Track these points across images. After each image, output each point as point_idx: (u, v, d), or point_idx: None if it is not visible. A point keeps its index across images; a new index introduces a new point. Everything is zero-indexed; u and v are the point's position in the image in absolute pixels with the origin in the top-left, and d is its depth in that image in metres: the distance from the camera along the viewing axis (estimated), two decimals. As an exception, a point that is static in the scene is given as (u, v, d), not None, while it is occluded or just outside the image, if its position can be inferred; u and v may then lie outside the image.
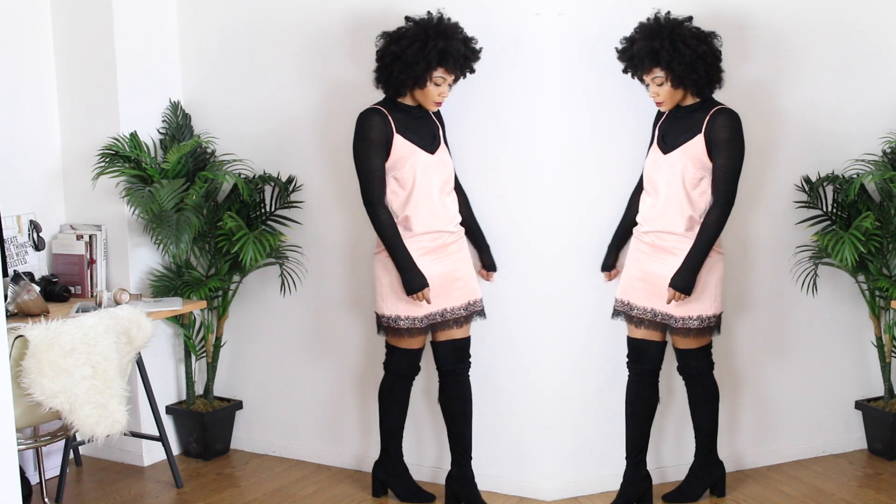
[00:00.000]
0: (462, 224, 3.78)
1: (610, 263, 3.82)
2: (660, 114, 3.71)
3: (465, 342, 3.77)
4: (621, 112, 3.83)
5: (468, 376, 3.79)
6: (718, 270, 3.64)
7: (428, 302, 3.62)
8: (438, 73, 3.58)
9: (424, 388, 4.06)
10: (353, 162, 4.13)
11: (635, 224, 3.71)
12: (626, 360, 3.76)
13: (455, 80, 3.67)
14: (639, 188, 3.75)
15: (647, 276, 3.64)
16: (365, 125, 3.60)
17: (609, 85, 3.82)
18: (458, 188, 3.81)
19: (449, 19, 3.63)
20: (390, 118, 3.60)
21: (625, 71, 3.64)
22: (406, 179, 3.61)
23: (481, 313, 3.77)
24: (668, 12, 3.56)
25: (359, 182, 3.63)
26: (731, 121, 3.52)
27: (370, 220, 3.63)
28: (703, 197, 3.56)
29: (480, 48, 3.68)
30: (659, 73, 3.51)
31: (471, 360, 3.80)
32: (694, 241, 3.53)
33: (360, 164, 3.61)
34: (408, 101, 3.67)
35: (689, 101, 3.59)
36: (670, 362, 3.87)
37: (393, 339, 3.76)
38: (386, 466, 3.91)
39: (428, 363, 4.02)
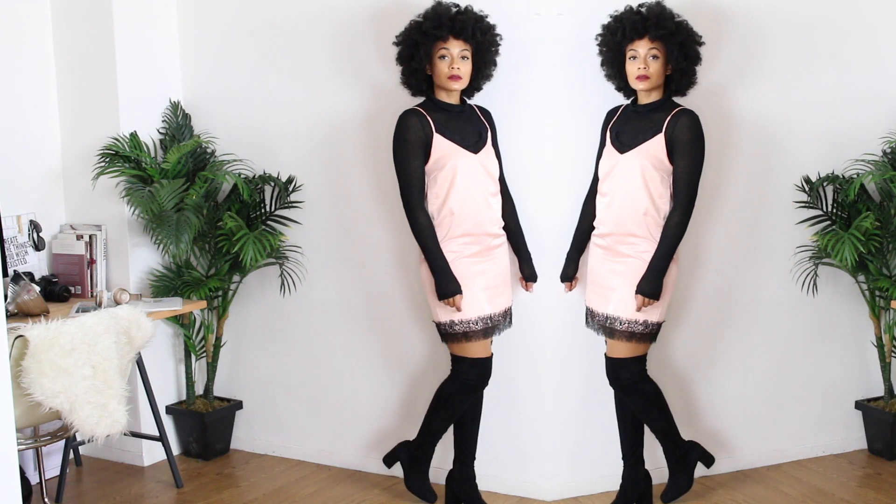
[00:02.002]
0: (505, 229, 3.70)
1: (570, 274, 3.73)
2: (610, 115, 3.68)
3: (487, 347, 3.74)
4: (621, 112, 3.84)
5: None
6: (671, 278, 3.57)
7: (458, 309, 3.54)
8: (438, 47, 3.52)
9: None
10: (354, 161, 4.14)
11: (593, 229, 3.67)
12: None
13: (476, 55, 3.56)
14: (592, 192, 3.69)
15: (603, 281, 3.59)
16: (402, 127, 3.54)
17: (609, 85, 3.81)
18: (505, 192, 3.72)
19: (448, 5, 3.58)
20: (429, 118, 3.55)
21: (612, 33, 3.52)
22: (446, 179, 3.54)
23: (510, 322, 3.72)
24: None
25: (398, 184, 3.58)
26: (694, 122, 3.48)
27: (408, 222, 3.57)
28: (663, 199, 3.52)
29: (485, 15, 3.59)
30: (658, 47, 3.44)
31: None
32: (657, 246, 3.48)
33: (398, 166, 3.55)
34: (444, 96, 3.60)
35: (653, 97, 3.55)
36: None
37: (456, 347, 3.64)
38: (412, 455, 3.83)
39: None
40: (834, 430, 4.31)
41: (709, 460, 3.83)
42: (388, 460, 3.91)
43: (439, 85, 3.58)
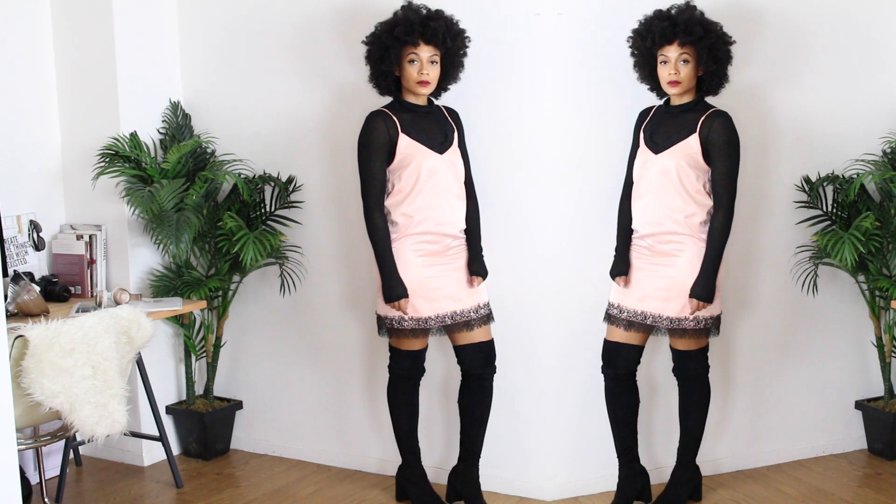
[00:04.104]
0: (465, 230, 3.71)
1: (623, 270, 3.67)
2: (642, 115, 3.68)
3: (490, 345, 3.73)
4: (621, 112, 3.83)
5: (492, 381, 3.76)
6: (720, 275, 3.59)
7: (404, 312, 3.60)
8: (408, 51, 3.54)
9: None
10: (352, 162, 4.15)
11: (632, 230, 3.67)
12: (601, 364, 3.73)
13: (444, 58, 3.59)
14: (627, 191, 3.70)
15: (648, 281, 3.61)
16: (367, 129, 3.59)
17: (609, 85, 3.82)
18: (471, 194, 3.73)
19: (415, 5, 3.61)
20: (395, 119, 3.58)
21: (642, 38, 3.52)
22: (411, 177, 3.57)
23: (488, 316, 3.72)
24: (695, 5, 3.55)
25: (360, 184, 3.62)
26: (729, 124, 3.51)
27: (365, 222, 3.61)
28: (699, 195, 3.53)
29: (455, 20, 3.61)
30: (688, 51, 3.46)
31: (496, 364, 3.76)
32: (706, 249, 3.52)
33: (360, 166, 3.61)
34: (411, 98, 3.63)
35: (686, 98, 3.57)
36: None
37: (395, 340, 3.74)
38: (404, 471, 3.88)
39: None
40: (834, 430, 4.31)
41: (699, 496, 3.85)
42: (397, 495, 3.93)
43: (407, 88, 3.61)
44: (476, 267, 3.71)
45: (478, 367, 3.72)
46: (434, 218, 3.59)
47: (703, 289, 3.52)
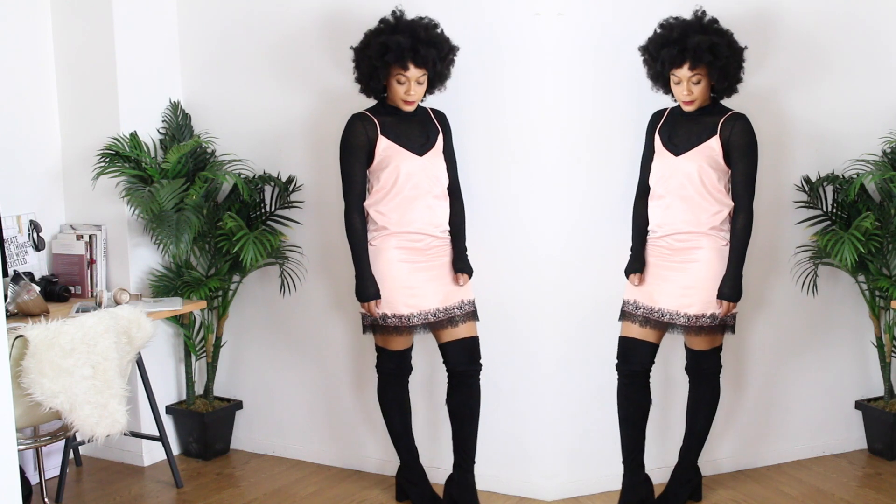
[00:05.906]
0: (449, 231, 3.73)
1: (638, 268, 3.69)
2: (655, 118, 3.69)
3: (474, 342, 3.73)
4: (621, 112, 3.84)
5: (479, 379, 3.76)
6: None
7: (373, 314, 3.64)
8: (396, 71, 3.56)
9: (426, 387, 4.06)
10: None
11: (647, 231, 3.68)
12: (616, 362, 3.73)
13: (432, 80, 3.62)
14: (642, 193, 3.70)
15: (666, 277, 3.62)
16: (347, 131, 3.64)
17: (609, 85, 3.82)
18: (455, 195, 3.74)
19: (403, 15, 3.62)
20: (376, 121, 3.62)
21: (657, 63, 3.52)
22: (389, 179, 3.61)
23: (471, 313, 3.72)
24: (704, 11, 3.55)
25: (341, 184, 3.66)
26: (749, 126, 3.55)
27: (344, 221, 3.64)
28: (720, 194, 3.56)
29: (451, 45, 3.62)
30: (700, 72, 3.47)
31: (481, 361, 3.77)
32: (730, 251, 3.56)
33: (341, 167, 3.66)
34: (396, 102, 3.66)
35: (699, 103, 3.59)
36: (667, 361, 3.88)
37: (381, 340, 3.76)
38: (403, 471, 3.89)
39: (428, 362, 4.03)
40: (834, 430, 4.31)
41: (699, 497, 3.86)
42: (397, 495, 3.94)
43: (391, 101, 3.64)
44: (460, 265, 3.72)
45: (462, 363, 3.71)
46: (413, 218, 3.62)
47: (731, 289, 3.56)
